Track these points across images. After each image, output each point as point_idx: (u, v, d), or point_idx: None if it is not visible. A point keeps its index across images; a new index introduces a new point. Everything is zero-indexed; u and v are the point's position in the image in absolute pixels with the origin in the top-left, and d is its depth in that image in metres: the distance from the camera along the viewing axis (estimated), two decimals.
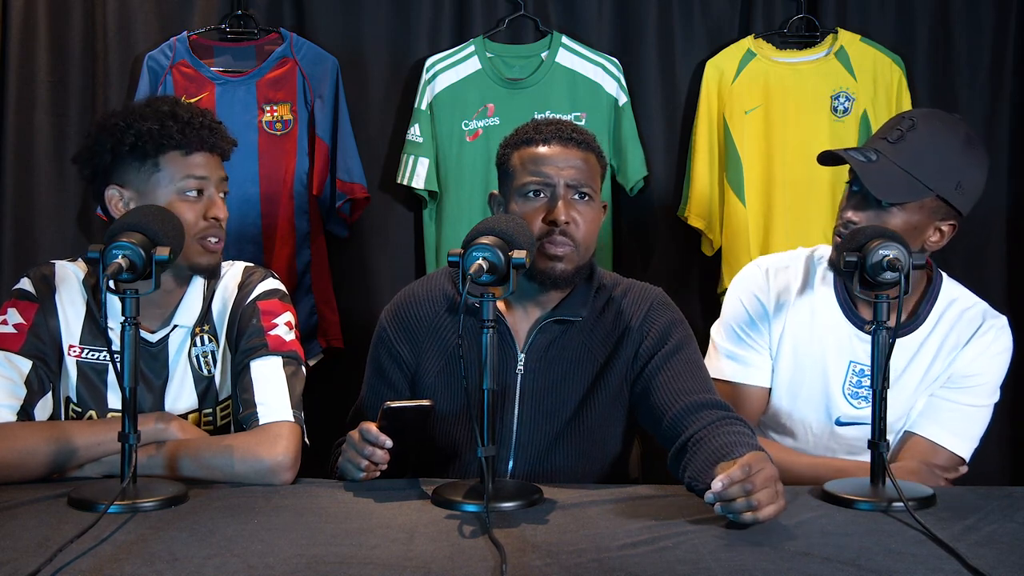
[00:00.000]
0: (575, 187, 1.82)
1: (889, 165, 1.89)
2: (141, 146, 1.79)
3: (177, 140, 1.80)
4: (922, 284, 2.02)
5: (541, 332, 1.87)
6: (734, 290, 2.10)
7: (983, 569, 1.32)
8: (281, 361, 1.85)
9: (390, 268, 2.91)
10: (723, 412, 1.77)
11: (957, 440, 1.99)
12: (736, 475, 1.46)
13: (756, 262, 2.13)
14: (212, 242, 1.84)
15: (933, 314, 2.00)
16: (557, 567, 1.34)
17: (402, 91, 2.90)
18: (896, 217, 1.89)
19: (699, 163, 2.83)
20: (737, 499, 1.46)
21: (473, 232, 1.65)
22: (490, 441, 1.62)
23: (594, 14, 2.90)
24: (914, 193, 1.88)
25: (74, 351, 1.85)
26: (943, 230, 1.94)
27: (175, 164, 1.81)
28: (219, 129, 1.86)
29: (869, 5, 2.91)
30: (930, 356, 2.00)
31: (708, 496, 1.49)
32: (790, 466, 1.93)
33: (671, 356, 1.85)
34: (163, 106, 1.83)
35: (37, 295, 1.85)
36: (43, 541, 1.38)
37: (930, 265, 2.04)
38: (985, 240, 2.92)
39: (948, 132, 1.93)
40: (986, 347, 1.99)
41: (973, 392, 2.00)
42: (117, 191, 1.83)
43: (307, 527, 1.49)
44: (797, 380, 2.04)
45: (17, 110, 2.80)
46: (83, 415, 1.85)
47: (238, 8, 2.84)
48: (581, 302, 1.88)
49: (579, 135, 1.86)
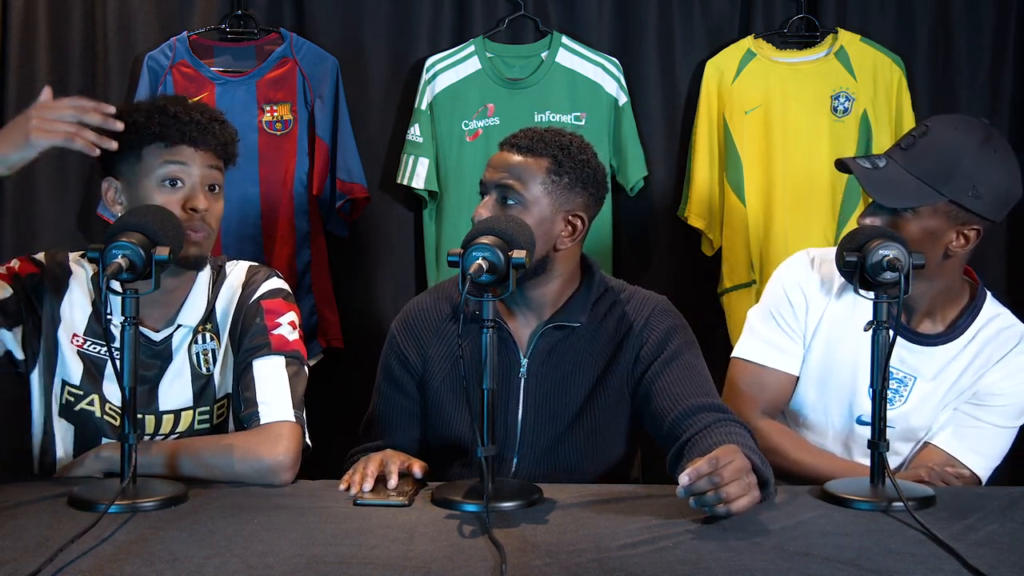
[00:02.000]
0: (500, 188, 1.84)
1: (898, 171, 1.89)
2: (128, 139, 1.80)
3: (157, 132, 1.80)
4: (965, 298, 2.01)
5: (543, 337, 1.89)
6: (778, 276, 2.10)
7: (983, 569, 1.32)
8: (284, 361, 1.85)
9: (390, 268, 2.91)
10: (720, 415, 1.78)
11: (975, 457, 1.98)
12: (703, 468, 1.48)
13: (805, 251, 2.12)
14: (192, 235, 1.82)
15: (972, 328, 1.99)
16: (557, 567, 1.34)
17: (402, 91, 2.89)
18: (912, 223, 1.88)
19: (699, 163, 2.83)
20: (707, 492, 1.48)
21: (473, 232, 1.66)
22: (490, 441, 1.63)
23: (594, 14, 2.90)
24: (922, 198, 1.87)
25: (77, 340, 1.85)
26: (967, 235, 1.91)
27: (154, 155, 1.81)
28: (211, 127, 1.84)
29: (869, 5, 2.90)
30: (960, 369, 1.99)
31: (679, 491, 1.50)
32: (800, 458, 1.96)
33: (670, 361, 1.86)
34: (158, 101, 1.85)
35: (46, 267, 1.87)
36: (43, 541, 1.38)
37: (976, 280, 2.03)
38: (985, 240, 2.89)
39: (963, 136, 1.90)
40: (1017, 368, 1.97)
41: (997, 412, 1.98)
42: (111, 183, 1.85)
43: (307, 527, 1.50)
44: (826, 373, 2.04)
45: (17, 110, 2.77)
46: (84, 399, 1.85)
47: (238, 8, 2.84)
48: (580, 308, 1.89)
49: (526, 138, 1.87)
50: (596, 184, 1.90)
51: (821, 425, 2.06)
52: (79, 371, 1.85)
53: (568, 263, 1.90)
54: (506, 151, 1.88)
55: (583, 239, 1.90)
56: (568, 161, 1.86)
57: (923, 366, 1.98)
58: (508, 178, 1.84)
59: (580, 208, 1.88)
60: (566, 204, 1.86)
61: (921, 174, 1.88)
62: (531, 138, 1.87)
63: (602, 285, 1.94)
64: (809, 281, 2.05)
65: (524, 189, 1.83)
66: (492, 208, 1.84)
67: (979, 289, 2.03)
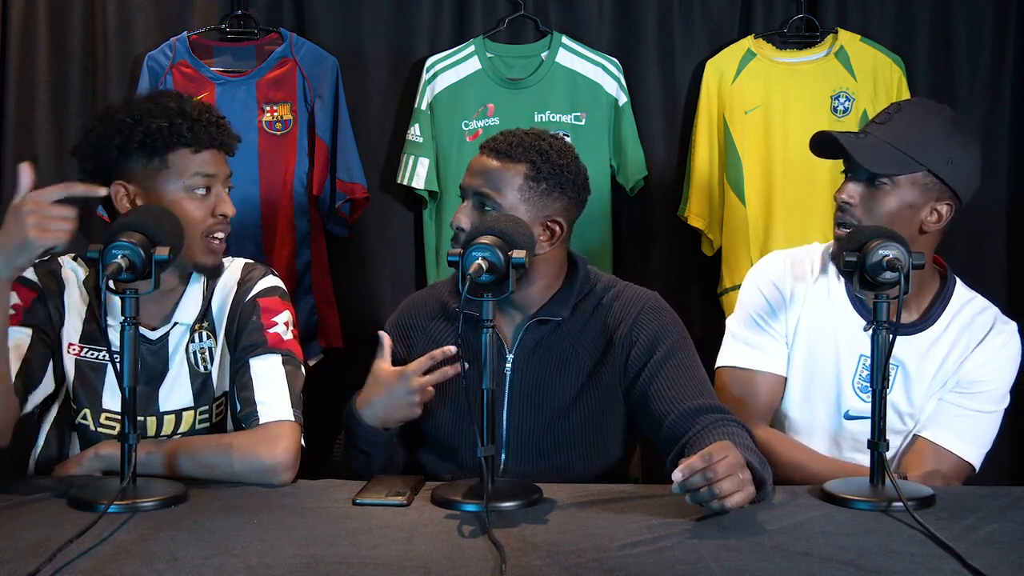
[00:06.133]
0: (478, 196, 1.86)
1: (878, 142, 1.93)
2: (150, 143, 1.77)
3: (187, 138, 1.78)
4: (936, 284, 2.03)
5: (528, 332, 1.89)
6: (752, 279, 2.11)
7: (983, 569, 1.32)
8: (281, 359, 1.85)
9: (390, 268, 2.91)
10: (719, 415, 1.78)
11: (964, 445, 1.99)
12: (696, 464, 1.49)
13: (773, 254, 2.15)
14: (218, 238, 1.83)
15: (946, 315, 2.00)
16: (557, 567, 1.34)
17: (402, 91, 2.89)
18: (890, 196, 1.91)
19: (699, 163, 2.83)
20: (701, 488, 1.49)
21: (473, 232, 1.66)
22: (489, 441, 1.63)
23: (594, 14, 2.90)
24: (903, 166, 1.90)
25: (73, 349, 1.85)
26: (940, 210, 1.94)
27: (184, 161, 1.79)
28: (225, 126, 1.86)
29: (869, 5, 2.90)
30: (941, 356, 2.00)
31: (674, 487, 1.51)
32: (808, 466, 1.95)
33: (664, 362, 1.86)
34: (170, 102, 1.81)
35: (40, 286, 1.84)
36: (43, 541, 1.38)
37: (944, 267, 2.05)
38: (985, 240, 2.92)
39: (935, 114, 1.99)
40: (995, 353, 2.00)
41: (981, 398, 2.00)
42: (122, 187, 1.80)
43: (307, 527, 1.50)
44: (809, 371, 2.04)
45: (17, 110, 2.80)
46: (77, 414, 1.85)
47: (238, 8, 2.84)
48: (562, 304, 1.89)
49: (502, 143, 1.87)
50: (576, 188, 1.89)
51: (808, 424, 2.06)
52: (73, 383, 1.84)
53: (550, 265, 1.89)
54: (485, 155, 1.88)
55: (565, 241, 1.90)
56: (547, 166, 1.84)
57: (904, 355, 1.98)
58: (484, 185, 1.85)
59: (559, 213, 1.86)
60: (544, 210, 1.85)
61: (900, 144, 1.91)
62: (510, 143, 1.86)
63: (588, 283, 1.93)
64: (783, 278, 2.06)
65: (500, 196, 1.83)
66: (470, 213, 1.85)
67: (948, 275, 2.04)
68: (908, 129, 1.94)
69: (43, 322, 1.82)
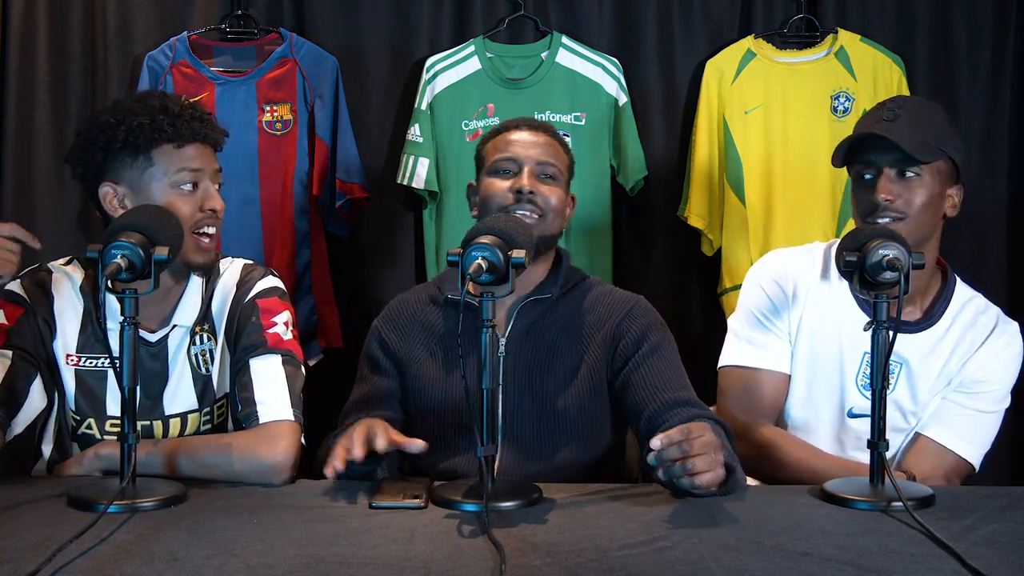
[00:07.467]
0: (542, 165, 1.94)
1: (906, 134, 1.92)
2: (133, 141, 1.77)
3: (168, 133, 1.78)
4: (937, 283, 2.04)
5: (520, 315, 1.92)
6: (753, 277, 2.11)
7: (982, 569, 1.31)
8: (280, 359, 1.85)
9: (390, 268, 2.91)
10: (697, 410, 1.81)
11: (965, 444, 1.99)
12: (675, 436, 1.52)
13: (774, 252, 2.16)
14: (208, 234, 1.82)
15: (948, 313, 2.01)
16: (557, 567, 1.34)
17: (402, 91, 2.90)
18: (921, 186, 1.94)
19: (699, 163, 2.83)
20: (676, 460, 1.51)
21: (472, 232, 1.66)
22: (489, 441, 1.63)
23: (594, 14, 2.90)
24: (935, 154, 1.94)
25: (71, 360, 1.84)
26: (954, 196, 2.00)
27: (168, 157, 1.79)
28: (210, 120, 1.85)
29: (869, 5, 2.91)
30: (945, 354, 2.00)
31: (649, 457, 1.53)
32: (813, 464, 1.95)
33: (649, 356, 1.89)
34: (152, 100, 1.81)
35: (28, 299, 1.82)
36: (43, 541, 1.38)
37: (945, 266, 2.05)
38: (985, 240, 2.92)
39: (931, 107, 2.05)
40: (998, 353, 2.00)
41: (983, 398, 2.00)
42: (111, 188, 1.80)
43: (307, 527, 1.49)
44: (812, 369, 2.04)
45: (17, 110, 2.80)
46: (82, 423, 1.84)
47: (238, 8, 2.85)
48: (552, 283, 1.96)
49: (547, 125, 2.03)
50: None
51: (812, 422, 2.06)
52: (74, 393, 1.84)
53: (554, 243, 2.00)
54: (539, 133, 1.99)
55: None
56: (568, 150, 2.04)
57: (908, 353, 1.99)
58: (554, 157, 1.96)
59: None
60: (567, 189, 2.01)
61: (926, 135, 1.94)
62: (545, 127, 2.02)
63: (573, 270, 2.00)
64: (784, 276, 2.06)
65: (564, 170, 1.98)
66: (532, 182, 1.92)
67: (949, 273, 2.05)
68: (922, 120, 1.96)
69: (27, 341, 1.80)
